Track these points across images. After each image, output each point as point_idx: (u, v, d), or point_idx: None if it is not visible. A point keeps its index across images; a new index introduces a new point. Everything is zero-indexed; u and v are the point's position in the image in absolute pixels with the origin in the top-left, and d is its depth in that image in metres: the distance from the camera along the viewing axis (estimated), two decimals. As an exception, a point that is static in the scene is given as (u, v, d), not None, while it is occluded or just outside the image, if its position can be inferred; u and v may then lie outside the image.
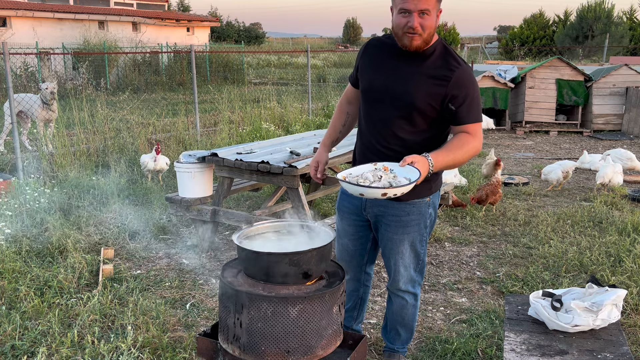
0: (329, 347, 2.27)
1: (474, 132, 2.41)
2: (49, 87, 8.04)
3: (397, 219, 2.59)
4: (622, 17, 31.85)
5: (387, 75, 2.46)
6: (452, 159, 2.38)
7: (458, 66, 2.38)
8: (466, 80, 2.38)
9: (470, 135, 2.40)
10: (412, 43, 2.34)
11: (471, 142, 2.39)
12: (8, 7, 20.72)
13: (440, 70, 2.38)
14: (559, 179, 6.75)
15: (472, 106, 2.39)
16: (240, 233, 2.42)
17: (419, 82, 2.39)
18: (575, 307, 2.50)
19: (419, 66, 2.41)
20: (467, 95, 2.37)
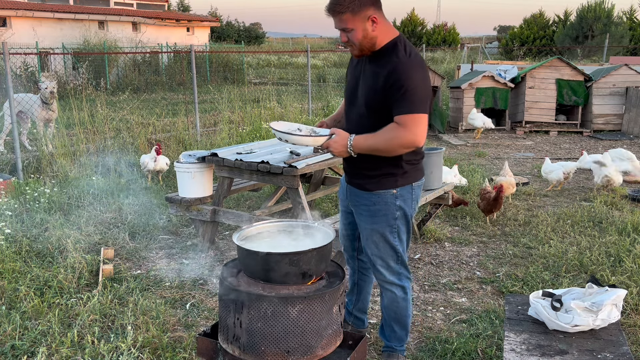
0: (329, 347, 2.27)
1: (404, 123, 2.48)
2: (48, 86, 8.04)
3: (366, 208, 2.72)
4: (622, 17, 31.84)
5: (351, 78, 2.77)
6: (374, 144, 2.53)
7: (397, 60, 2.50)
8: (402, 72, 2.47)
9: (399, 126, 2.49)
10: (352, 53, 2.64)
11: (397, 133, 2.49)
12: (8, 7, 20.72)
13: (381, 66, 2.54)
14: (559, 180, 6.75)
15: (405, 98, 2.46)
16: (240, 233, 2.42)
17: (366, 80, 2.61)
18: (575, 307, 2.50)
19: (369, 66, 2.62)
20: (402, 87, 2.45)
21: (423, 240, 5.07)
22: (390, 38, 2.56)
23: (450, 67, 19.68)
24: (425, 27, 39.67)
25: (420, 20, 39.59)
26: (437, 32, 39.04)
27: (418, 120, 2.47)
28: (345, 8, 2.46)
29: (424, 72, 2.53)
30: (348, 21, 2.48)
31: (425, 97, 2.49)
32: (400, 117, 2.48)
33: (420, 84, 2.48)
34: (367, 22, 2.49)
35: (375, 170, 2.64)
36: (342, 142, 2.56)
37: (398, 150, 2.54)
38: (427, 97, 2.51)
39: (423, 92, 2.49)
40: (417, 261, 4.59)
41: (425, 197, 4.77)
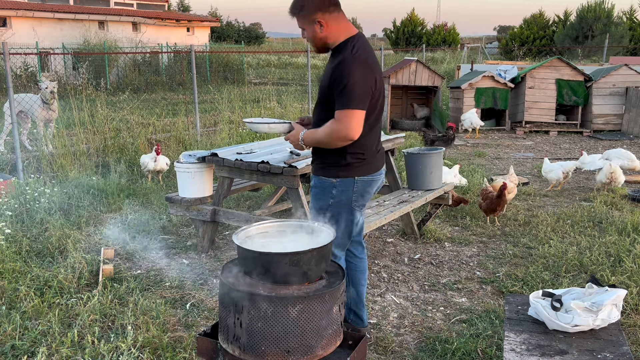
0: (329, 347, 2.27)
1: (340, 118, 2.68)
2: (48, 86, 8.04)
3: (312, 189, 3.00)
4: (622, 17, 31.83)
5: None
6: (317, 137, 2.79)
7: (342, 57, 2.72)
8: (343, 69, 2.68)
9: (335, 120, 2.70)
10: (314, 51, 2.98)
11: (333, 127, 2.70)
12: (8, 7, 20.72)
13: (332, 63, 2.79)
14: (558, 179, 6.75)
15: (344, 93, 2.65)
16: (240, 233, 2.42)
17: (325, 74, 2.84)
18: (575, 307, 2.50)
19: (328, 63, 2.89)
20: (341, 83, 2.66)
21: (423, 240, 5.07)
22: (347, 37, 2.78)
23: (450, 67, 19.68)
24: (425, 27, 39.66)
25: (420, 20, 39.58)
26: (437, 32, 39.03)
27: (352, 115, 2.67)
28: (295, 13, 2.80)
29: (365, 70, 2.68)
30: (300, 23, 2.81)
31: (363, 94, 2.67)
32: (337, 112, 2.69)
33: (360, 81, 2.65)
34: (315, 25, 2.76)
35: (322, 158, 2.90)
36: (296, 135, 2.89)
37: (336, 143, 2.75)
38: (366, 94, 2.69)
39: (362, 89, 2.66)
40: (417, 261, 4.59)
41: (425, 197, 4.77)
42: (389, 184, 5.25)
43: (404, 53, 29.47)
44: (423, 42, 34.36)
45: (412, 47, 33.35)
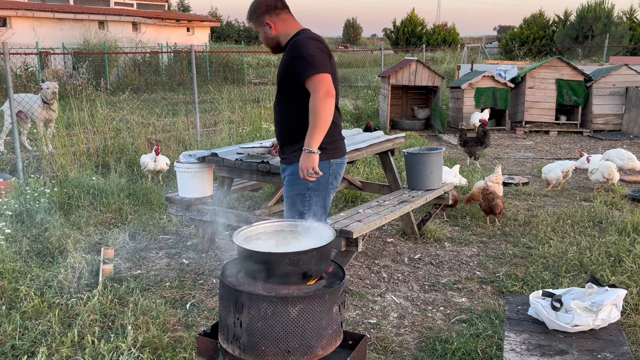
0: (329, 347, 2.27)
1: (314, 85, 2.82)
2: (50, 86, 8.04)
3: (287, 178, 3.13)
4: (622, 17, 31.83)
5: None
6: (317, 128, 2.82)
7: (294, 40, 2.95)
8: (299, 45, 2.88)
9: (312, 94, 2.82)
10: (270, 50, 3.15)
11: (315, 101, 2.81)
12: (8, 7, 20.72)
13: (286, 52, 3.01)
14: (558, 179, 6.75)
15: (307, 63, 2.82)
16: (240, 233, 2.42)
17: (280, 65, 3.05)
18: (575, 307, 2.50)
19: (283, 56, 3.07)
20: (300, 55, 2.85)
21: (423, 240, 5.07)
22: (295, 32, 3.01)
23: (450, 67, 19.68)
24: (425, 27, 39.68)
25: (420, 20, 39.60)
26: (437, 32, 39.04)
27: (323, 78, 2.83)
28: (249, 18, 3.08)
29: (319, 46, 2.89)
30: (254, 26, 3.08)
31: (323, 61, 2.85)
32: (307, 81, 2.83)
33: (317, 52, 2.85)
34: (265, 27, 3.02)
35: (294, 145, 3.00)
36: (304, 158, 2.85)
37: (330, 112, 2.84)
38: (326, 62, 2.87)
39: (320, 57, 2.85)
40: (417, 261, 4.59)
41: (425, 197, 4.77)
42: (389, 184, 5.25)
43: (404, 53, 29.47)
44: (423, 42, 34.37)
45: (412, 47, 33.35)
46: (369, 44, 58.81)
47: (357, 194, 6.16)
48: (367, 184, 5.59)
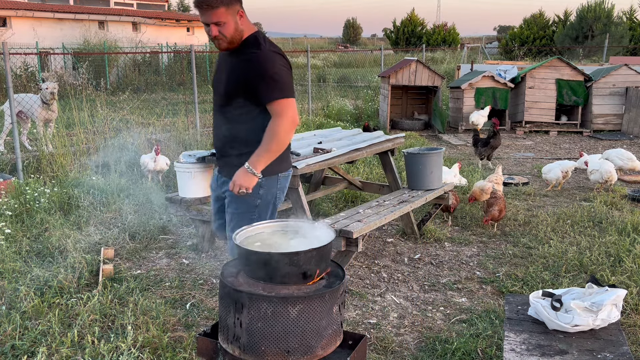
0: (329, 347, 2.27)
1: (280, 110, 2.65)
2: (49, 87, 8.04)
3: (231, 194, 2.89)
4: (622, 17, 31.81)
5: (217, 71, 2.94)
6: (271, 152, 2.70)
7: (259, 50, 2.69)
8: (264, 61, 2.66)
9: (275, 117, 2.66)
10: (220, 47, 2.75)
11: (279, 125, 2.66)
12: (8, 7, 20.73)
13: (244, 57, 2.71)
14: (558, 179, 6.75)
15: (273, 84, 2.64)
16: (240, 233, 2.42)
17: (229, 72, 2.77)
18: (575, 307, 2.50)
19: (231, 59, 2.78)
20: (266, 75, 2.64)
21: (423, 240, 5.07)
22: (251, 32, 2.77)
23: (450, 67, 19.67)
24: (425, 27, 39.66)
25: (420, 20, 39.58)
26: (437, 32, 39.03)
27: (291, 104, 2.68)
28: (220, 3, 2.63)
29: (284, 60, 2.73)
30: (222, 15, 2.64)
31: (290, 83, 2.72)
32: (273, 104, 2.65)
33: (284, 71, 2.69)
34: (236, 16, 2.68)
35: (241, 159, 2.78)
36: (242, 174, 2.70)
37: (288, 140, 2.74)
38: (292, 83, 2.74)
39: (287, 78, 2.70)
40: (417, 261, 4.59)
41: (425, 197, 4.77)
42: (389, 184, 5.25)
43: (404, 53, 29.47)
44: (423, 42, 34.36)
45: (412, 47, 33.35)
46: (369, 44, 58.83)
47: (357, 194, 6.15)
48: (367, 184, 5.59)
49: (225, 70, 2.80)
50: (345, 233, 3.75)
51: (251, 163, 2.69)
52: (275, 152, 2.70)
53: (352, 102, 13.89)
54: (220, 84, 2.84)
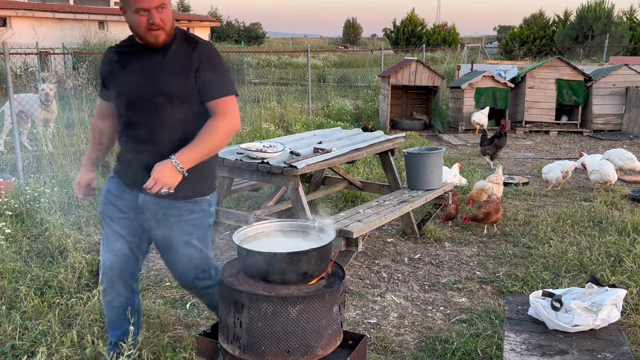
0: (329, 347, 2.27)
1: (224, 109, 2.36)
2: (44, 88, 8.06)
3: (179, 219, 2.45)
4: (622, 17, 31.81)
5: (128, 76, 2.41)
6: (202, 149, 2.33)
7: (199, 41, 2.41)
8: (209, 54, 2.38)
9: (218, 115, 2.36)
10: (157, 40, 2.33)
11: (221, 124, 2.35)
12: (8, 7, 20.72)
13: (183, 51, 2.37)
14: (558, 179, 6.75)
15: (219, 80, 2.38)
16: (240, 233, 2.42)
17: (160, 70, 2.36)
18: (575, 307, 2.50)
19: (157, 55, 2.38)
20: (211, 69, 2.36)
21: (423, 240, 5.07)
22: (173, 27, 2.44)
23: (450, 67, 19.67)
24: (425, 27, 39.66)
25: (420, 20, 39.58)
26: (437, 32, 39.02)
27: (234, 102, 2.41)
28: None
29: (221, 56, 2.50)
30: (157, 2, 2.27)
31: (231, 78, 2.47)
32: (217, 102, 2.36)
33: (225, 66, 2.44)
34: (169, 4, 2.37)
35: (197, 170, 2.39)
36: (167, 170, 2.27)
37: (225, 144, 2.45)
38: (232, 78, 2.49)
39: (228, 73, 2.45)
40: (417, 261, 4.59)
41: (425, 197, 4.77)
42: (389, 184, 5.25)
43: (404, 53, 29.46)
44: (423, 42, 34.35)
45: (412, 47, 33.34)
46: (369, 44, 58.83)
47: (357, 194, 6.15)
48: (367, 184, 5.59)
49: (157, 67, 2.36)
50: (345, 233, 3.75)
51: (180, 158, 2.29)
52: (209, 152, 2.36)
53: (352, 102, 13.89)
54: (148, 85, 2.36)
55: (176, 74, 2.35)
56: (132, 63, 2.41)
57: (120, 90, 2.45)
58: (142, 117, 2.41)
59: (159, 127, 2.39)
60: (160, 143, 2.39)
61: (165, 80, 2.36)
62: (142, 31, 2.30)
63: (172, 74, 2.36)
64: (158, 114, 2.38)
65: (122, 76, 2.43)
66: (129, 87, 2.41)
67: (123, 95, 2.44)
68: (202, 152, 2.34)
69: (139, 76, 2.39)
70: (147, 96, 2.37)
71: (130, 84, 2.40)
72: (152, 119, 2.39)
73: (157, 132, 2.40)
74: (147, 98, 2.38)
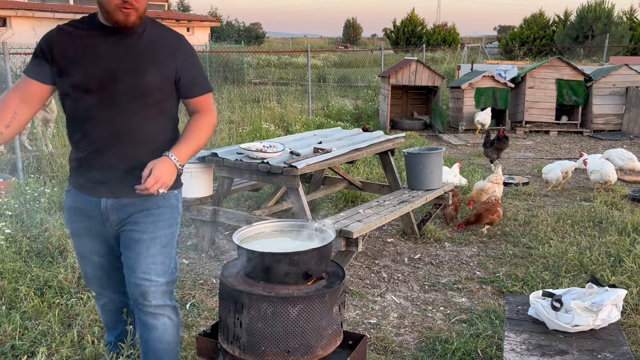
0: (329, 347, 2.27)
1: (207, 105, 2.27)
2: None
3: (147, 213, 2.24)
4: (622, 17, 31.82)
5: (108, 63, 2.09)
6: (197, 147, 2.22)
7: (177, 35, 2.23)
8: (189, 49, 2.23)
9: (203, 112, 2.26)
10: (128, 19, 2.03)
11: (210, 122, 2.26)
12: (8, 7, 20.73)
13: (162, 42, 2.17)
14: (558, 179, 6.75)
15: (200, 75, 2.27)
16: (240, 233, 2.42)
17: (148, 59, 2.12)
18: (575, 307, 2.50)
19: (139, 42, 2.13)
20: (194, 64, 2.23)
21: (423, 240, 5.07)
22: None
23: (450, 67, 19.68)
24: (425, 27, 39.67)
25: (420, 20, 39.59)
26: (437, 32, 39.04)
27: (212, 98, 2.32)
28: None
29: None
30: None
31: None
32: (201, 99, 2.25)
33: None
34: None
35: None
36: (167, 168, 2.10)
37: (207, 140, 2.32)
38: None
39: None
40: (417, 261, 4.59)
41: (425, 197, 4.77)
42: (389, 184, 5.25)
43: (404, 53, 29.47)
44: (423, 42, 34.36)
45: (412, 47, 33.35)
46: (369, 44, 58.84)
47: (357, 194, 6.15)
48: (367, 184, 5.59)
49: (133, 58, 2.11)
50: (345, 233, 3.75)
51: (179, 155, 2.14)
52: (199, 149, 2.24)
53: (352, 102, 13.89)
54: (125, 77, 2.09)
55: (157, 63, 2.13)
56: (98, 46, 2.09)
57: (80, 77, 2.09)
58: (110, 111, 2.10)
59: (129, 123, 2.13)
60: (131, 142, 2.15)
61: (143, 68, 2.11)
62: (111, 7, 2.00)
63: (152, 63, 2.12)
64: (131, 107, 2.12)
65: (84, 60, 2.08)
66: (95, 74, 2.08)
67: (84, 83, 2.08)
68: (194, 149, 2.21)
69: (109, 62, 2.08)
70: (119, 87, 2.09)
71: (97, 70, 2.07)
72: (122, 114, 2.11)
73: (128, 130, 2.14)
74: (119, 89, 2.09)
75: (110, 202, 2.23)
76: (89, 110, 2.12)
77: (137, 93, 2.11)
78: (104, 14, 2.06)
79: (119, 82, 2.09)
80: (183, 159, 2.17)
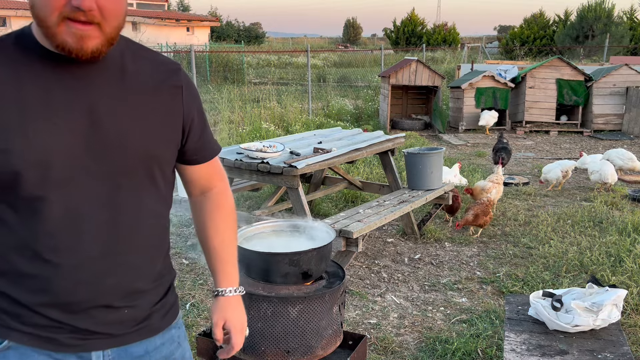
0: (329, 347, 2.27)
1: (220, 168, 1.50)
2: None
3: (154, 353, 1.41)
4: (623, 17, 31.83)
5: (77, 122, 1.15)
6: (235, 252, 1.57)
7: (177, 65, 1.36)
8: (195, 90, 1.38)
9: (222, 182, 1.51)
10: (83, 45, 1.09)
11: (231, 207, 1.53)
12: (8, 7, 20.74)
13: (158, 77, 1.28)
14: (558, 179, 6.75)
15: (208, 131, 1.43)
16: (239, 233, 2.42)
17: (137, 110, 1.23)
18: (575, 307, 2.50)
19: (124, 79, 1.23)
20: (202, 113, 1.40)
21: (423, 240, 5.07)
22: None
23: (451, 67, 19.68)
24: (425, 27, 39.68)
25: (420, 20, 39.60)
26: (437, 32, 39.04)
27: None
28: None
29: None
30: None
31: None
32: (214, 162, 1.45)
33: None
34: None
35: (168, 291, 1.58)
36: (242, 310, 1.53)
37: None
38: None
39: None
40: (417, 261, 4.59)
41: (426, 197, 4.77)
42: (389, 184, 5.25)
43: (404, 53, 29.47)
44: (423, 42, 34.36)
45: (412, 47, 33.35)
46: (369, 43, 58.85)
47: (357, 194, 6.15)
48: (367, 184, 5.59)
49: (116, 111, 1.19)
50: (345, 233, 3.74)
51: (236, 282, 1.54)
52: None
53: (352, 102, 13.89)
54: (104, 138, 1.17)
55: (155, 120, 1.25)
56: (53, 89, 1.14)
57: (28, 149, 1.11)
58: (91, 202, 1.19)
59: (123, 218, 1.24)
60: (130, 250, 1.27)
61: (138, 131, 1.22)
62: (52, 20, 1.07)
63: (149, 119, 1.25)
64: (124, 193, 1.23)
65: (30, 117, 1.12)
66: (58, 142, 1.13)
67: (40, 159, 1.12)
68: (235, 259, 1.57)
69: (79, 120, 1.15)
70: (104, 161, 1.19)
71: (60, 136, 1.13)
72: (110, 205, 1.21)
73: (124, 229, 1.24)
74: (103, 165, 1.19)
75: (117, 350, 1.33)
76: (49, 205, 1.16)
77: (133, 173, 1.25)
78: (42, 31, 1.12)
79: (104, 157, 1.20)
80: (236, 281, 1.55)
